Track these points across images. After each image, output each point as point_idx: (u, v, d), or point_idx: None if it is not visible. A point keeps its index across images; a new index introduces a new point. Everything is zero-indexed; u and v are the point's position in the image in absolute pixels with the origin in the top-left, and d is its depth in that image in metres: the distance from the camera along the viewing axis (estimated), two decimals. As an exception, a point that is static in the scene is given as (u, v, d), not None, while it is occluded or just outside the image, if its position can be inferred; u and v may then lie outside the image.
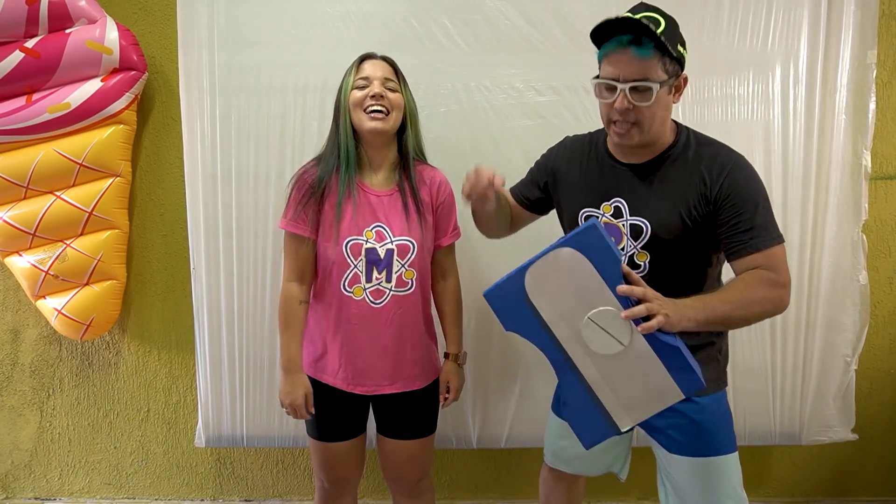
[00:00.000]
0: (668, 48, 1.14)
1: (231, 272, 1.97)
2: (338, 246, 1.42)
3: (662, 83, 1.17)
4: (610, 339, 1.11)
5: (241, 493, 2.26)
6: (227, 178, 1.94)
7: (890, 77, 2.03)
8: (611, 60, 1.20)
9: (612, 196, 1.30)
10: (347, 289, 1.44)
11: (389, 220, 1.45)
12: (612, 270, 1.10)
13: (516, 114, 1.92)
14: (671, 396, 1.12)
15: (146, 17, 2.04)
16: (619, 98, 1.18)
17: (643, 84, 1.16)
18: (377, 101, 1.41)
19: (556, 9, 1.87)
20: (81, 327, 2.02)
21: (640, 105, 1.17)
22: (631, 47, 1.15)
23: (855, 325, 1.99)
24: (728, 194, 1.20)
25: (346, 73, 1.48)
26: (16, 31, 1.88)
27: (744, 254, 1.19)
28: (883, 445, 2.18)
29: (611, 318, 1.10)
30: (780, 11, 1.88)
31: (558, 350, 1.16)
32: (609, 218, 1.29)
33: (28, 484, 2.27)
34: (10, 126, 1.92)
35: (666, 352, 1.10)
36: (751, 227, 1.19)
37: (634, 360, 1.11)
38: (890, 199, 2.08)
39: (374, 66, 1.45)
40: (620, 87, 1.17)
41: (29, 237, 1.97)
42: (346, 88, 1.45)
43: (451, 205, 1.57)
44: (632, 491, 2.20)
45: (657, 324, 1.06)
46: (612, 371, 1.13)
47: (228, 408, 2.01)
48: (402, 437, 1.55)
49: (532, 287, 1.14)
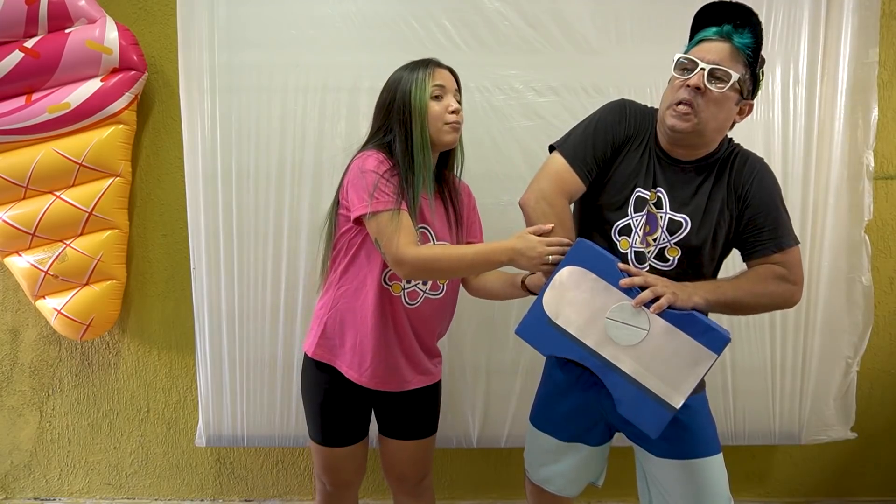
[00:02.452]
0: (759, 49, 1.18)
1: (231, 272, 1.97)
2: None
3: (741, 80, 1.20)
4: (633, 330, 1.20)
5: (241, 493, 2.26)
6: (227, 179, 1.94)
7: (890, 77, 2.03)
8: (702, 47, 1.23)
9: (657, 185, 1.30)
10: (388, 282, 1.43)
11: (433, 224, 1.45)
12: (611, 272, 1.22)
13: (516, 114, 1.92)
14: (706, 359, 1.19)
15: (146, 17, 2.04)
16: (696, 75, 1.20)
17: (724, 69, 1.18)
18: (457, 115, 1.42)
19: (555, 10, 1.87)
20: (81, 327, 2.02)
21: (712, 90, 1.19)
22: (731, 36, 1.19)
23: (857, 327, 1.99)
24: (755, 196, 1.26)
25: (414, 80, 1.40)
26: (15, 30, 1.88)
27: (762, 255, 1.27)
28: (883, 445, 2.18)
29: (626, 312, 1.21)
30: (780, 11, 1.89)
31: (594, 357, 1.24)
32: (651, 206, 1.29)
33: (28, 484, 2.27)
34: (9, 126, 1.92)
35: (684, 322, 1.18)
36: (773, 227, 1.26)
37: (661, 340, 1.19)
38: (891, 199, 2.08)
39: (445, 76, 1.43)
40: (702, 65, 1.20)
41: (29, 237, 1.97)
42: (420, 97, 1.38)
43: (478, 213, 1.62)
44: (632, 491, 2.19)
45: (666, 301, 1.16)
46: (647, 357, 1.21)
47: (228, 408, 2.01)
48: (405, 438, 1.55)
49: (552, 311, 1.25)
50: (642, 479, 1.45)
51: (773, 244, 1.25)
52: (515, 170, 1.89)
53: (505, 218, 1.80)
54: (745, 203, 1.27)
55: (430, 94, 1.39)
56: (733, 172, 1.28)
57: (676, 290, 1.18)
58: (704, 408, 1.37)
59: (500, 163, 1.92)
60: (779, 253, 1.25)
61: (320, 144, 1.93)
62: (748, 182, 1.27)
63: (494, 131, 1.92)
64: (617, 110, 1.35)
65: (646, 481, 1.43)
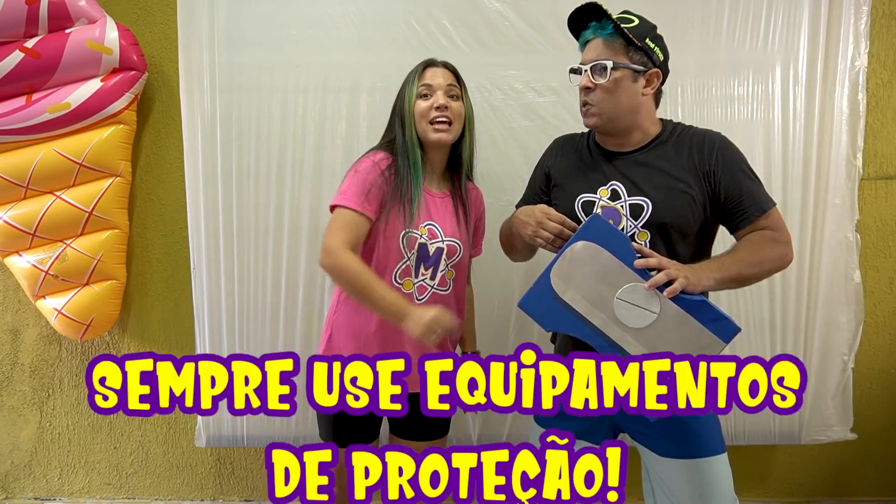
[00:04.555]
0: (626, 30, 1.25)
1: (231, 272, 1.97)
2: (394, 237, 1.41)
3: (621, 65, 1.27)
4: (642, 312, 1.18)
5: (241, 493, 2.26)
6: (227, 178, 1.94)
7: (890, 77, 2.03)
8: (584, 52, 1.34)
9: (608, 180, 1.34)
10: (398, 280, 1.43)
11: (442, 220, 1.46)
12: (625, 250, 1.19)
13: (516, 114, 1.92)
14: (714, 347, 1.17)
15: (146, 17, 2.04)
16: (583, 77, 1.32)
17: (600, 62, 1.28)
18: (441, 112, 1.42)
19: (555, 10, 1.87)
20: (81, 327, 2.03)
21: (599, 82, 1.28)
22: (596, 32, 1.30)
23: (850, 324, 1.99)
24: (723, 170, 1.28)
25: (407, 80, 1.46)
26: (16, 31, 1.88)
27: (748, 222, 1.28)
28: (883, 445, 2.18)
29: (637, 293, 1.18)
30: (780, 12, 1.89)
31: (600, 336, 1.22)
32: (606, 201, 1.32)
33: (28, 484, 2.27)
34: (10, 126, 1.92)
35: (695, 308, 1.17)
36: (749, 194, 1.28)
37: (670, 324, 1.18)
38: (890, 199, 2.08)
39: (435, 74, 1.45)
40: (584, 67, 1.31)
41: (29, 237, 1.97)
42: (409, 96, 1.44)
43: (484, 219, 1.65)
44: (632, 491, 2.19)
45: (680, 285, 1.15)
46: (654, 341, 1.19)
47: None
48: (417, 439, 1.55)
49: (559, 286, 1.22)
50: (647, 481, 1.45)
51: (755, 209, 1.27)
52: (515, 170, 1.89)
53: (504, 218, 1.80)
54: (716, 179, 1.28)
55: (417, 94, 1.43)
56: (693, 153, 1.30)
57: (688, 274, 1.17)
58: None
59: (500, 163, 1.92)
60: (763, 217, 1.27)
61: (320, 144, 1.94)
62: (712, 159, 1.29)
63: (494, 131, 1.92)
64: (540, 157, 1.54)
65: (650, 482, 1.43)
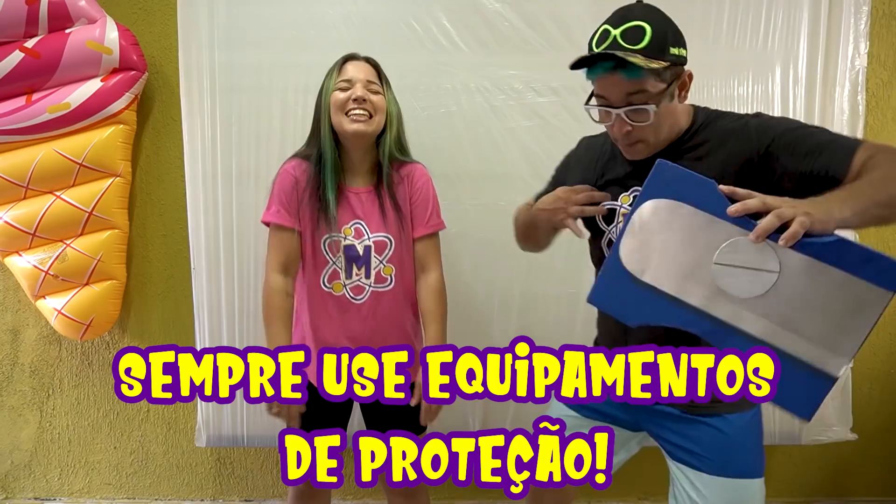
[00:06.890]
0: (656, 66, 1.04)
1: (231, 272, 1.97)
2: (317, 243, 1.44)
3: (660, 96, 1.07)
4: (756, 274, 0.89)
5: (241, 493, 2.26)
6: (228, 178, 1.94)
7: (890, 77, 2.03)
8: (601, 84, 1.11)
9: (630, 186, 1.21)
10: (327, 284, 1.46)
11: (367, 217, 1.46)
12: (711, 197, 0.91)
13: (516, 115, 1.92)
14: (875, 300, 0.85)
15: (146, 17, 2.04)
16: (616, 124, 1.10)
17: (639, 107, 1.06)
18: (359, 104, 1.40)
19: (554, 11, 1.87)
20: (81, 327, 2.03)
21: (640, 124, 1.08)
22: (618, 71, 1.05)
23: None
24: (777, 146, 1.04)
25: (327, 74, 1.46)
26: (16, 31, 1.88)
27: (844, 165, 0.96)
28: (883, 445, 2.18)
29: (743, 250, 0.89)
30: (780, 12, 1.89)
31: (704, 318, 0.94)
32: (627, 208, 1.21)
33: (28, 484, 2.27)
34: (9, 126, 1.92)
35: (832, 251, 0.86)
36: (830, 139, 1.01)
37: (801, 282, 0.87)
38: (890, 199, 2.08)
39: (356, 68, 1.44)
40: (615, 112, 1.08)
41: (29, 237, 1.97)
42: (327, 90, 1.44)
43: (426, 196, 1.51)
44: (632, 491, 2.20)
45: (801, 226, 0.83)
46: (783, 311, 0.89)
47: (228, 408, 2.01)
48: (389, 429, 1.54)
49: (634, 266, 0.97)
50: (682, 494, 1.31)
51: (846, 151, 0.97)
52: (515, 170, 1.89)
53: (505, 218, 1.79)
54: (775, 159, 1.03)
55: (335, 87, 1.43)
56: (735, 143, 1.08)
57: (809, 209, 0.85)
58: (758, 426, 1.25)
59: (500, 163, 1.92)
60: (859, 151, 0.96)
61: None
62: (758, 142, 1.06)
63: (494, 131, 1.92)
64: (564, 157, 1.42)
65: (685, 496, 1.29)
